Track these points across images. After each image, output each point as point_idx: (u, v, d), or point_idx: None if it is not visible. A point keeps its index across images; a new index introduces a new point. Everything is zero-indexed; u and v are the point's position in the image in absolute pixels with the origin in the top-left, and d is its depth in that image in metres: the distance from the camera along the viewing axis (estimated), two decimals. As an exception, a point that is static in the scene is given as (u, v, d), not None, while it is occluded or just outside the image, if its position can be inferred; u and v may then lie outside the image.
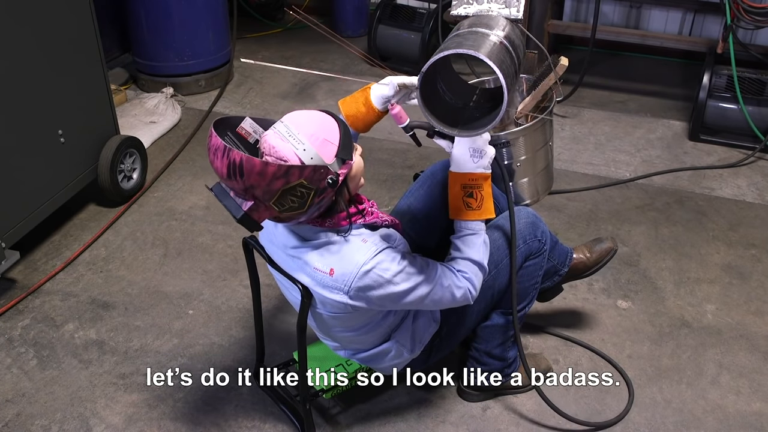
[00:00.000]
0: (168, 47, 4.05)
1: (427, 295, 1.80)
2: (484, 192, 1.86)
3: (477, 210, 1.87)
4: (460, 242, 1.90)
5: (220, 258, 2.87)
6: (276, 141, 1.64)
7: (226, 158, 1.58)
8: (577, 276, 2.39)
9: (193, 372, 2.36)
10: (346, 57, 4.59)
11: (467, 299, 1.88)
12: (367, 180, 3.31)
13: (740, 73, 3.58)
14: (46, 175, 2.81)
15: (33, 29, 2.64)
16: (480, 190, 1.86)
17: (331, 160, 1.65)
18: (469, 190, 1.85)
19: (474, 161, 1.85)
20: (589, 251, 2.39)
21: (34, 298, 2.67)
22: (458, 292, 1.84)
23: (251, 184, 1.58)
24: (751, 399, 2.28)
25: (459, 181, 1.86)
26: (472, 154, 1.84)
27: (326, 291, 1.76)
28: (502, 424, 2.18)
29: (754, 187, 3.35)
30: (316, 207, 1.68)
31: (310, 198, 1.64)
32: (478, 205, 1.86)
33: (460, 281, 1.85)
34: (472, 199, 1.86)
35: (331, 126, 1.68)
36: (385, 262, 1.73)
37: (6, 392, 2.29)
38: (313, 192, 1.63)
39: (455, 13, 1.94)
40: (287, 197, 1.62)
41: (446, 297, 1.84)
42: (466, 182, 1.85)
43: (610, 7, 4.45)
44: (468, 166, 1.85)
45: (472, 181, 1.85)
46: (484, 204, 1.87)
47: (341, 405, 2.24)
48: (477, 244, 1.88)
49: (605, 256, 2.38)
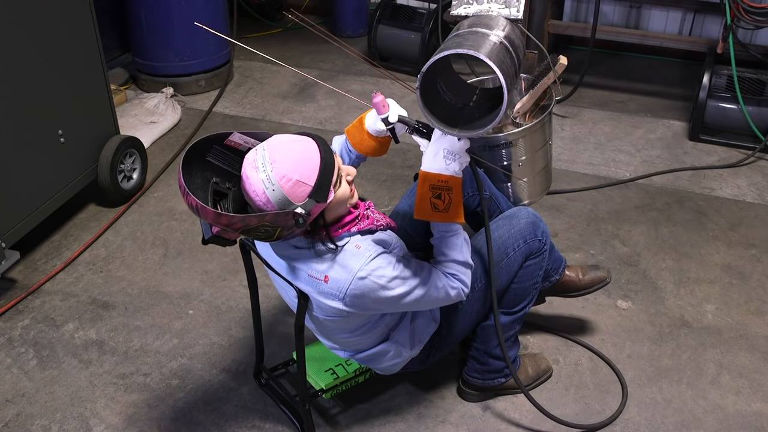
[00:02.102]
0: (168, 47, 4.05)
1: (422, 298, 1.81)
2: (453, 195, 1.82)
3: (444, 212, 1.83)
4: (443, 245, 1.89)
5: (220, 258, 2.87)
6: (250, 171, 1.63)
7: (185, 199, 1.61)
8: (564, 293, 2.38)
9: (193, 372, 2.36)
10: (346, 57, 4.59)
11: (461, 297, 1.91)
12: (367, 180, 3.34)
13: (740, 73, 3.58)
14: (46, 175, 2.81)
15: (33, 30, 2.64)
16: (449, 192, 1.81)
17: (300, 201, 1.63)
18: (437, 191, 1.81)
19: (446, 163, 1.81)
20: (583, 273, 2.36)
21: (34, 298, 2.67)
22: (452, 292, 1.87)
23: (211, 223, 1.63)
24: (751, 399, 2.28)
25: (428, 181, 1.82)
26: (445, 155, 1.81)
27: (322, 297, 1.76)
28: (502, 424, 2.18)
29: (754, 187, 3.35)
30: (289, 235, 1.69)
31: (277, 233, 1.65)
32: (445, 207, 1.82)
33: (453, 282, 1.87)
34: (439, 201, 1.81)
35: (310, 164, 1.64)
36: (379, 269, 1.73)
37: (6, 392, 2.29)
38: (279, 228, 1.64)
39: (455, 13, 1.94)
40: (252, 233, 1.64)
41: (441, 297, 1.86)
42: (435, 183, 1.81)
43: (610, 7, 4.45)
44: (438, 167, 1.81)
45: (441, 183, 1.81)
46: (451, 208, 1.82)
47: (341, 405, 2.24)
48: (458, 244, 1.88)
49: (597, 283, 2.37)
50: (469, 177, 2.25)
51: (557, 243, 2.58)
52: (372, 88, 4.27)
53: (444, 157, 1.80)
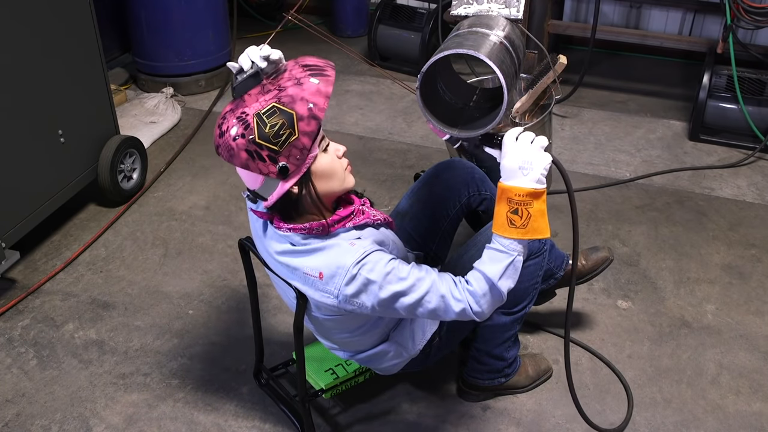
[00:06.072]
0: (168, 47, 4.05)
1: (420, 302, 1.69)
2: (533, 210, 1.65)
3: (520, 228, 1.66)
4: (486, 255, 1.73)
5: (220, 258, 2.87)
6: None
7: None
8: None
9: (193, 372, 2.36)
10: (346, 57, 4.59)
11: (468, 315, 1.72)
12: (367, 180, 3.34)
13: (740, 73, 3.58)
14: (46, 175, 2.81)
15: (33, 29, 2.64)
16: (527, 207, 1.65)
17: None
18: (513, 206, 1.65)
19: (523, 173, 1.64)
20: (584, 258, 2.40)
21: (34, 298, 2.67)
22: (456, 305, 1.70)
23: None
24: (751, 399, 2.28)
25: (505, 194, 1.67)
26: (521, 165, 1.64)
27: (318, 294, 1.74)
28: (502, 424, 2.18)
29: (754, 187, 3.35)
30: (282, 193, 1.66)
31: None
32: (523, 223, 1.66)
33: (461, 293, 1.71)
34: (516, 216, 1.66)
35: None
36: (373, 264, 1.67)
37: (6, 392, 2.29)
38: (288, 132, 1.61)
39: (455, 13, 1.94)
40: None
41: (441, 308, 1.71)
42: (512, 197, 1.65)
43: (610, 7, 4.45)
44: (514, 180, 1.66)
45: (518, 197, 1.65)
46: (530, 223, 1.65)
47: (341, 405, 2.24)
48: (502, 262, 1.70)
49: (600, 264, 2.39)
50: (470, 177, 2.25)
51: (557, 243, 2.57)
52: (372, 88, 4.27)
53: (520, 168, 1.65)
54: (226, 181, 3.36)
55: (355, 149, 3.56)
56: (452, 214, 2.25)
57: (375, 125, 3.85)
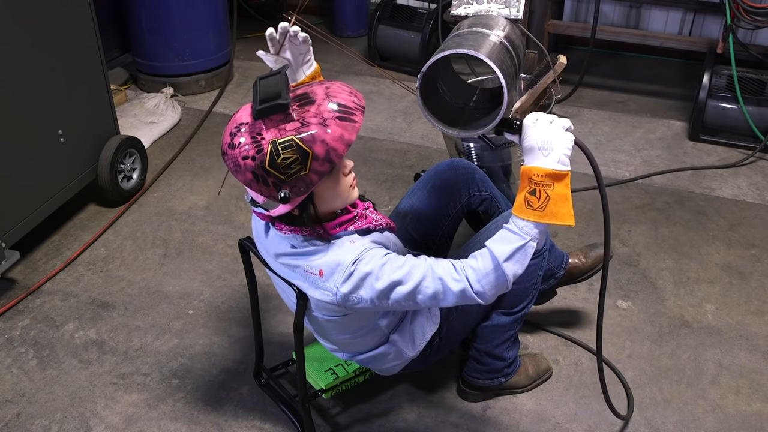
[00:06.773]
0: (168, 47, 4.05)
1: (418, 288, 1.66)
2: (553, 192, 1.60)
3: (537, 210, 1.61)
4: (499, 234, 1.68)
5: (220, 258, 2.87)
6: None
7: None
8: (572, 280, 2.41)
9: (193, 372, 2.36)
10: (346, 57, 4.59)
11: (469, 296, 1.67)
12: (367, 180, 3.34)
13: (740, 73, 3.58)
14: (46, 175, 2.81)
15: (33, 29, 2.64)
16: (546, 188, 1.60)
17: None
18: (532, 186, 1.61)
19: (543, 154, 1.60)
20: (584, 256, 2.41)
21: (34, 298, 2.67)
22: (454, 285, 1.66)
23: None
24: (751, 399, 2.28)
25: (526, 175, 1.63)
26: (540, 146, 1.60)
27: (318, 292, 1.74)
28: (502, 424, 2.18)
29: (754, 187, 3.35)
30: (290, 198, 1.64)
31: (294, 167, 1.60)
32: (540, 206, 1.60)
33: (459, 273, 1.67)
34: (533, 197, 1.61)
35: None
36: (368, 258, 1.68)
37: (6, 392, 2.29)
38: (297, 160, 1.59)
39: (455, 13, 1.94)
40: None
41: (440, 290, 1.67)
42: (532, 176, 1.61)
43: (610, 7, 4.45)
44: (535, 161, 1.62)
45: (537, 177, 1.60)
46: (549, 206, 1.60)
47: (341, 405, 2.24)
48: (512, 244, 1.65)
49: (600, 262, 2.39)
50: (470, 178, 2.25)
51: (557, 243, 2.57)
52: (372, 88, 4.27)
53: (539, 148, 1.61)
54: (226, 182, 3.36)
55: (355, 149, 3.56)
56: (452, 215, 2.25)
57: (375, 125, 3.85)
